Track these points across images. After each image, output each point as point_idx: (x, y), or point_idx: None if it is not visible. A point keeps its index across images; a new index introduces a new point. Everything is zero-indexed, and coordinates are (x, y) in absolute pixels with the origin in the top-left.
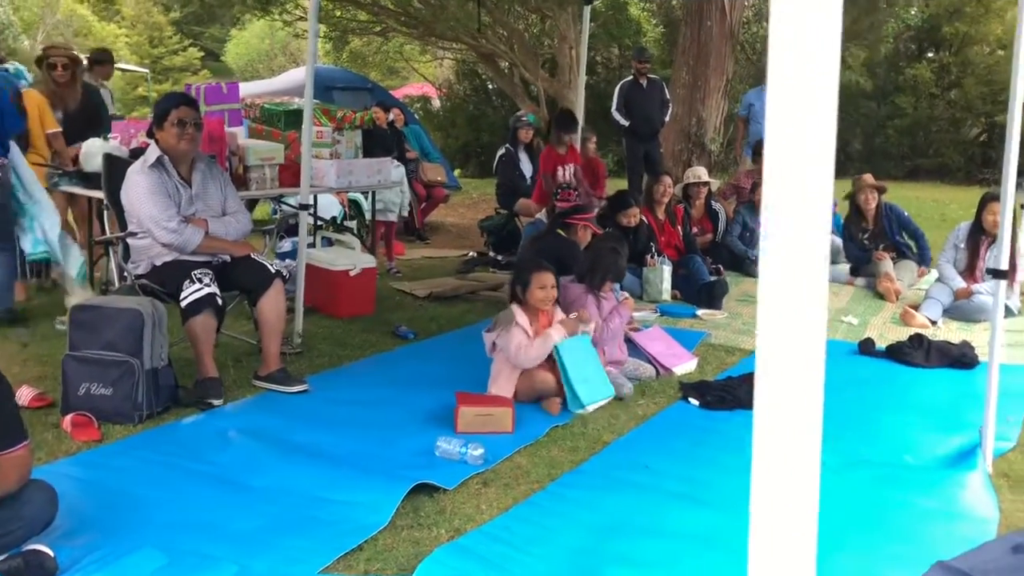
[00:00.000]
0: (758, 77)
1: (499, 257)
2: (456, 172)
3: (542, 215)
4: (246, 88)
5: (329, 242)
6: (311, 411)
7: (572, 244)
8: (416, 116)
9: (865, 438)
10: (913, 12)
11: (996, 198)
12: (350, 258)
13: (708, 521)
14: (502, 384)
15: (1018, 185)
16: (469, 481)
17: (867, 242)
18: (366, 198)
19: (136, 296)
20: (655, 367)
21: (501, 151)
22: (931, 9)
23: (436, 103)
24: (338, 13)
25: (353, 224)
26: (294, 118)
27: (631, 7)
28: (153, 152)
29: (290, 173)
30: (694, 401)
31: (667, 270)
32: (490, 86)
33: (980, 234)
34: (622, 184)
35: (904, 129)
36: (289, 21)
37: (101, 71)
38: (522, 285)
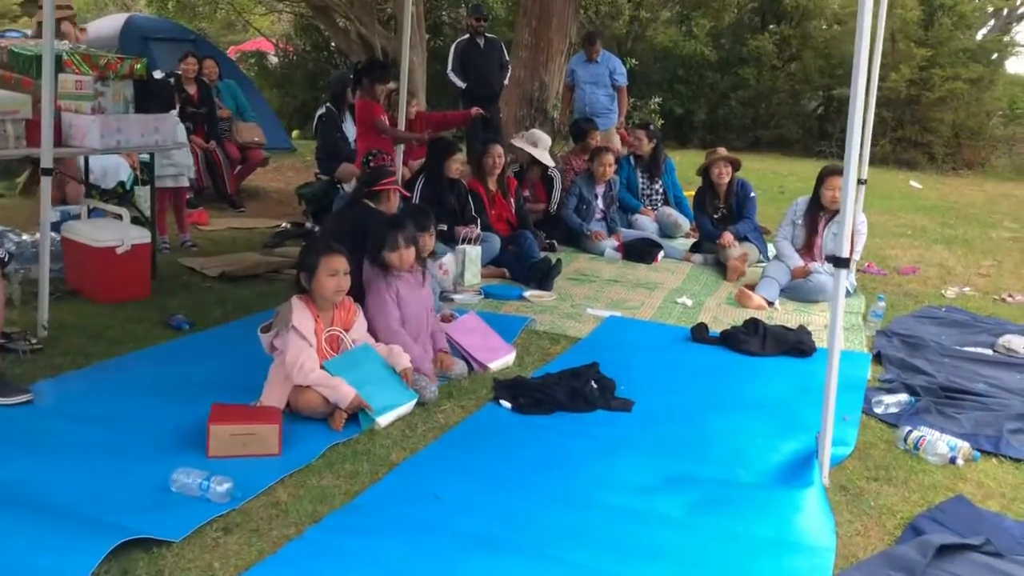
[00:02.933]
0: (605, 43)
1: (316, 228)
2: (294, 133)
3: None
4: None
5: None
6: (29, 431)
7: (380, 216)
8: (249, 72)
9: (694, 447)
10: None
11: (835, 172)
12: (117, 232)
13: (508, 572)
14: (273, 393)
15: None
16: (206, 528)
17: (718, 223)
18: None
19: None
20: (468, 363)
21: (321, 110)
22: None
23: (273, 59)
24: None
25: (145, 191)
26: None
27: None
28: None
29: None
30: (506, 404)
31: (473, 252)
32: (333, 44)
33: (818, 210)
34: None
35: (747, 100)
36: None
37: None
38: (307, 272)
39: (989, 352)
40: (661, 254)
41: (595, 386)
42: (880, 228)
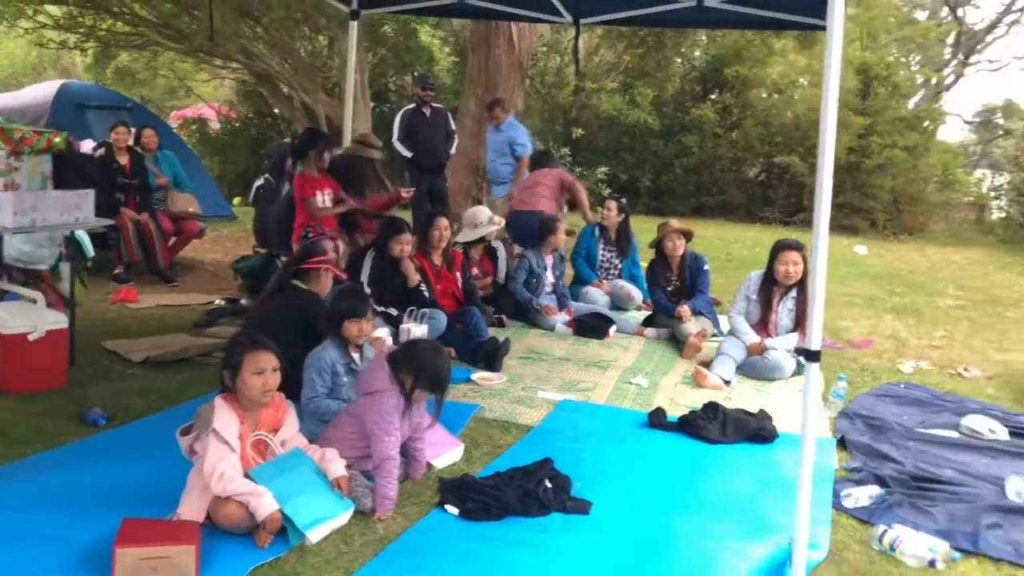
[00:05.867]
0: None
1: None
2: (235, 201)
3: None
4: None
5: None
6: None
7: (316, 298)
8: (190, 140)
9: (658, 558)
10: (698, 53)
11: (788, 247)
12: (30, 317)
13: None
14: (192, 503)
15: (788, 223)
16: None
17: (672, 297)
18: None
19: None
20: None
21: (259, 181)
22: (714, 50)
23: (215, 126)
24: (87, 21)
25: (65, 268)
26: None
27: (421, 33)
28: None
29: None
30: (453, 510)
31: (419, 332)
32: (276, 110)
33: (772, 285)
34: None
35: (690, 167)
36: (31, 29)
37: None
38: (231, 369)
39: (954, 435)
40: (613, 328)
41: (549, 486)
42: (830, 298)
